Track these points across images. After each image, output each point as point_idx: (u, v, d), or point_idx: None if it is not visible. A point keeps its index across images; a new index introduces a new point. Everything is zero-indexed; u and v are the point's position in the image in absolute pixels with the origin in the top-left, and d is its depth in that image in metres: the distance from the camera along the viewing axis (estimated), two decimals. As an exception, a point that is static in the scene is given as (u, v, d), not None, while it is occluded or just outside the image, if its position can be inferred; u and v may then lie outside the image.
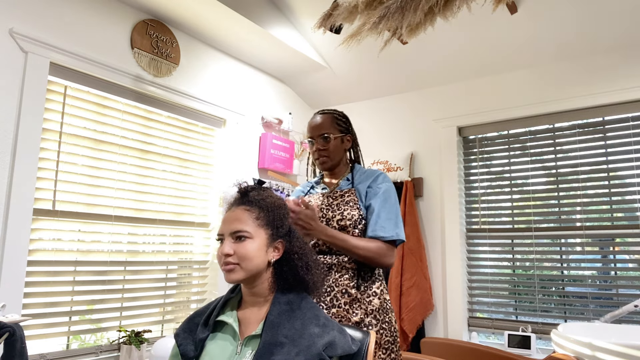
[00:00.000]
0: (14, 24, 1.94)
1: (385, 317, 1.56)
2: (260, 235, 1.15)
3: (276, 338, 1.06)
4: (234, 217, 1.16)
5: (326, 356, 1.06)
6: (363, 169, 1.75)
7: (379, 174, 1.68)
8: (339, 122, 1.72)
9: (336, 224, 1.59)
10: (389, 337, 1.54)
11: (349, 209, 1.60)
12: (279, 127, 3.26)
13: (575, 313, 2.55)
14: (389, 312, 1.59)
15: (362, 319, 1.52)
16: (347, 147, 1.75)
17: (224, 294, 1.25)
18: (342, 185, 1.70)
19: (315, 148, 1.70)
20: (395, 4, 1.66)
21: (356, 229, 1.59)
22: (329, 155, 1.68)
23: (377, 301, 1.56)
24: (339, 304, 1.54)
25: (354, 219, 1.59)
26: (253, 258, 1.13)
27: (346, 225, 1.58)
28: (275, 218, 1.19)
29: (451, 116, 3.03)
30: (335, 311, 1.54)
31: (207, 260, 2.80)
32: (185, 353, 1.12)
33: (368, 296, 1.56)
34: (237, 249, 1.13)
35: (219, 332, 1.16)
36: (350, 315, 1.53)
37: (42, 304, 2.03)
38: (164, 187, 2.56)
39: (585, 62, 2.62)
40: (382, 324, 1.54)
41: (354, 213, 1.59)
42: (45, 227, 2.05)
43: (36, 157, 1.98)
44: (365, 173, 1.71)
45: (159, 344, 2.18)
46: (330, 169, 1.73)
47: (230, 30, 2.68)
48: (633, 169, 2.49)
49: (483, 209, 2.91)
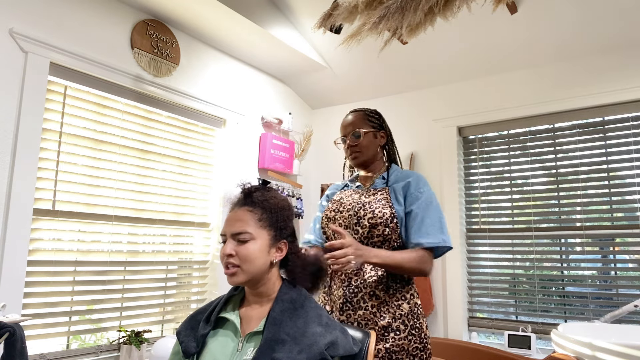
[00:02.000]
0: (14, 24, 1.94)
1: (415, 323, 1.50)
2: (262, 236, 1.15)
3: (278, 335, 1.06)
4: (236, 218, 1.17)
5: (328, 356, 1.06)
6: (400, 169, 1.70)
7: (418, 177, 1.62)
8: (371, 118, 1.69)
9: (367, 222, 1.55)
10: (417, 343, 1.48)
11: (381, 207, 1.55)
12: (279, 127, 3.26)
13: (575, 313, 2.55)
14: (420, 318, 1.53)
15: (389, 324, 1.48)
16: (382, 144, 1.70)
17: (227, 292, 1.26)
18: (376, 184, 1.66)
19: (347, 145, 1.68)
20: (395, 4, 1.66)
21: (387, 228, 1.53)
22: (360, 149, 1.65)
23: (407, 306, 1.51)
24: (366, 307, 1.50)
25: (385, 217, 1.53)
26: (254, 259, 1.13)
27: (377, 224, 1.53)
28: (279, 219, 1.19)
29: (451, 116, 3.03)
30: (361, 313, 1.50)
31: (207, 260, 2.80)
32: (186, 350, 1.12)
33: (397, 300, 1.51)
34: (239, 250, 1.13)
35: (221, 329, 1.16)
36: (378, 318, 1.48)
37: (42, 304, 2.03)
38: (164, 187, 2.56)
39: (585, 62, 2.62)
40: (412, 330, 1.49)
41: (385, 211, 1.54)
42: (45, 227, 2.05)
43: (36, 157, 1.98)
44: (402, 173, 1.66)
45: (159, 344, 2.18)
46: (363, 164, 1.69)
47: (230, 31, 2.68)
48: (633, 169, 2.49)
49: (483, 209, 2.91)
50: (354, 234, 1.57)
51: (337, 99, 3.52)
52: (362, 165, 1.70)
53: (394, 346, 1.45)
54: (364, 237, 1.56)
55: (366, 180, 1.71)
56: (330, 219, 1.66)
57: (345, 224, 1.60)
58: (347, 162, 1.84)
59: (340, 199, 1.67)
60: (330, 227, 1.45)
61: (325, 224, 1.68)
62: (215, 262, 2.79)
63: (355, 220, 1.58)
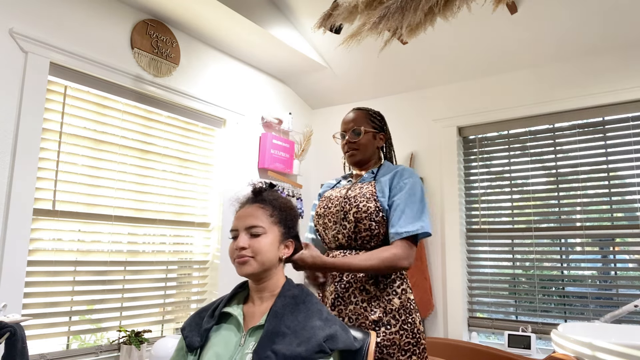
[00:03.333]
0: (14, 24, 1.94)
1: (407, 318, 1.50)
2: (273, 231, 1.20)
3: (279, 328, 1.09)
4: (248, 213, 1.21)
5: (327, 348, 1.07)
6: (390, 164, 1.70)
7: (404, 169, 1.61)
8: (373, 119, 1.69)
9: (352, 217, 1.55)
10: (409, 338, 1.48)
11: (365, 200, 1.55)
12: (279, 127, 3.26)
13: (575, 313, 2.55)
14: (413, 313, 1.52)
15: (380, 318, 1.47)
16: (379, 145, 1.71)
17: (232, 289, 1.29)
18: (364, 178, 1.66)
19: (345, 141, 1.67)
20: (395, 4, 1.66)
21: (373, 222, 1.53)
22: (358, 147, 1.65)
23: (398, 301, 1.51)
24: (356, 301, 1.51)
25: (369, 211, 1.53)
26: (267, 252, 1.17)
27: (361, 218, 1.53)
28: (287, 218, 1.25)
29: (451, 116, 3.03)
30: (352, 308, 1.50)
31: (207, 260, 2.80)
32: (190, 343, 1.15)
33: (388, 294, 1.51)
34: (252, 243, 1.17)
35: (224, 324, 1.18)
36: (368, 313, 1.49)
37: (42, 304, 2.03)
38: (164, 187, 2.56)
39: (585, 62, 2.62)
40: (403, 325, 1.48)
41: (370, 205, 1.54)
42: (45, 227, 2.05)
43: (36, 157, 1.98)
44: (390, 167, 1.66)
45: (159, 344, 2.18)
46: (358, 163, 1.68)
47: (230, 31, 2.68)
48: (633, 169, 2.49)
49: (483, 209, 2.91)
50: (343, 230, 1.58)
51: (337, 99, 3.52)
52: (357, 164, 1.70)
53: (385, 340, 1.45)
54: (352, 232, 1.56)
55: (358, 178, 1.72)
56: (320, 216, 1.67)
57: (334, 219, 1.61)
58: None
59: (330, 196, 1.68)
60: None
61: (317, 221, 1.70)
62: (215, 262, 2.79)
63: (342, 216, 1.58)
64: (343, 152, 1.71)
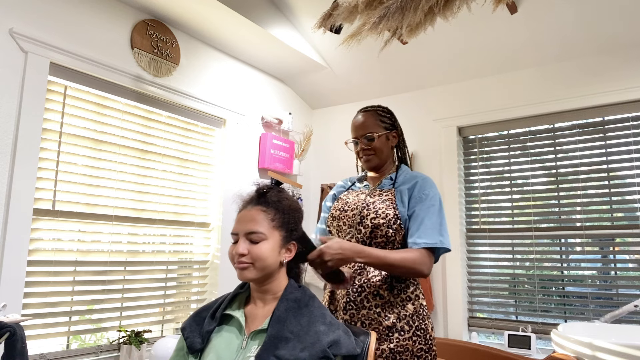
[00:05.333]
0: (14, 24, 1.94)
1: (420, 324, 1.49)
2: (274, 236, 1.17)
3: (282, 333, 1.08)
4: (249, 217, 1.18)
5: (330, 354, 1.06)
6: (408, 170, 1.69)
7: (424, 179, 1.60)
8: (383, 119, 1.67)
9: (370, 222, 1.53)
10: (422, 344, 1.47)
11: (385, 207, 1.54)
12: (279, 127, 3.26)
13: (575, 313, 2.55)
14: (425, 319, 1.52)
15: (394, 324, 1.46)
16: (394, 144, 1.69)
17: (233, 290, 1.27)
18: (383, 184, 1.65)
19: (359, 148, 1.66)
20: (395, 4, 1.66)
21: (390, 229, 1.52)
22: (374, 152, 1.64)
23: (412, 306, 1.50)
24: (370, 306, 1.49)
25: (387, 218, 1.52)
26: (266, 258, 1.15)
27: (379, 224, 1.52)
28: (290, 220, 1.21)
29: (451, 116, 3.03)
30: (365, 313, 1.49)
31: (207, 260, 2.80)
32: (192, 345, 1.13)
33: (402, 300, 1.50)
34: (252, 249, 1.14)
35: (226, 326, 1.17)
36: (382, 319, 1.47)
37: (42, 304, 2.03)
38: (164, 187, 2.56)
39: (585, 62, 2.62)
40: (417, 331, 1.48)
41: (388, 212, 1.53)
42: (45, 227, 2.05)
43: (36, 157, 1.98)
44: (409, 175, 1.65)
45: (159, 344, 2.18)
46: (376, 167, 1.67)
47: (230, 30, 2.68)
48: (633, 169, 2.49)
49: (483, 209, 2.91)
50: (357, 234, 1.56)
51: (337, 99, 3.52)
52: (375, 168, 1.69)
53: (398, 347, 1.44)
54: (367, 237, 1.55)
55: (374, 180, 1.70)
56: (335, 218, 1.65)
57: (349, 223, 1.59)
58: (359, 162, 1.82)
59: (347, 199, 1.66)
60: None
61: (330, 222, 1.67)
62: (215, 262, 2.79)
63: (358, 220, 1.57)
64: (357, 158, 1.70)
